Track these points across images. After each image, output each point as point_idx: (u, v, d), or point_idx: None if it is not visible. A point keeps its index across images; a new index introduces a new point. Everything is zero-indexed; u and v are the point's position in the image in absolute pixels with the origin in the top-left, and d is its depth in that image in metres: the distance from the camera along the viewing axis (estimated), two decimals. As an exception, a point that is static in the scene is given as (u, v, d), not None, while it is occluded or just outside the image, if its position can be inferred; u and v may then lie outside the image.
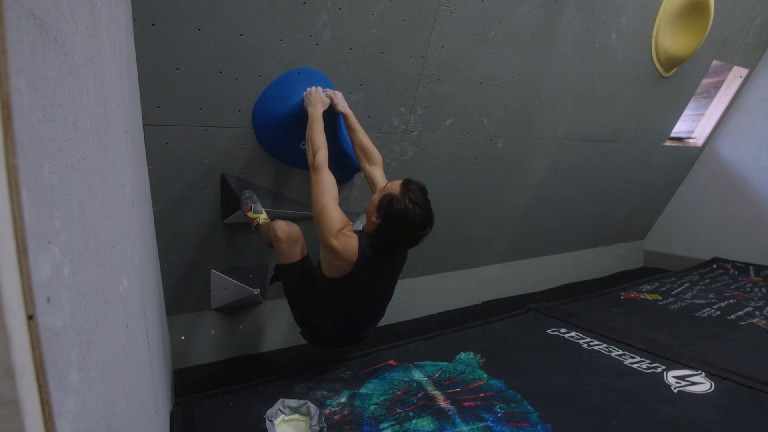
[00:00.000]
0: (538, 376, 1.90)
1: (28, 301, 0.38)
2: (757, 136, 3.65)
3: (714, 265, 3.77)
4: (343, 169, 2.07)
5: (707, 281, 3.40)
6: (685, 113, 3.66)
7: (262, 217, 1.90)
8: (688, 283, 3.35)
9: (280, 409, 1.52)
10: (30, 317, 0.38)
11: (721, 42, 3.10)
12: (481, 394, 1.73)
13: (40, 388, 0.40)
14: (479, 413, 1.59)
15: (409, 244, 1.67)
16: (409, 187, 1.59)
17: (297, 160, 1.97)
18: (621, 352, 2.11)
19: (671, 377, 1.87)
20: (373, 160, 1.87)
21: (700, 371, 1.90)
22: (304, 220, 2.16)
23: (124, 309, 0.78)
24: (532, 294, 3.39)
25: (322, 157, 1.65)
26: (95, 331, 0.56)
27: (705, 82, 3.72)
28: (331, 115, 1.84)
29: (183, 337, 2.15)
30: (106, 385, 0.60)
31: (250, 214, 1.88)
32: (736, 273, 3.58)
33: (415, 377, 1.86)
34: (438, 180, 2.53)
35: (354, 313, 1.76)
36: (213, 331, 2.23)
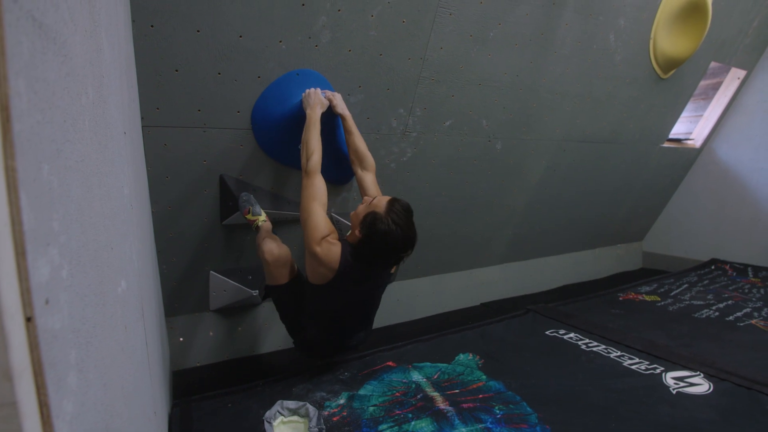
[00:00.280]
0: (537, 377, 1.90)
1: (27, 303, 0.38)
2: (755, 138, 3.66)
3: (712, 267, 3.78)
4: (341, 171, 2.07)
5: (706, 282, 3.41)
6: (684, 115, 3.67)
7: (261, 218, 1.90)
8: (686, 285, 3.35)
9: (278, 411, 1.52)
10: (28, 319, 0.38)
11: (719, 44, 3.11)
12: (480, 396, 1.73)
13: (39, 390, 0.40)
14: (478, 414, 1.59)
15: (389, 264, 1.68)
16: (394, 207, 1.58)
17: (296, 162, 1.97)
18: (620, 353, 2.11)
19: (670, 378, 1.87)
20: (366, 165, 1.87)
21: (698, 372, 1.90)
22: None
23: (123, 310, 0.78)
24: (531, 295, 3.39)
25: (315, 161, 1.66)
26: (94, 332, 0.56)
27: (703, 83, 3.73)
28: (330, 116, 1.84)
29: (182, 339, 2.15)
30: (104, 387, 0.60)
31: (249, 216, 1.89)
32: (735, 274, 3.59)
33: (414, 378, 1.86)
34: (437, 181, 2.53)
35: (338, 321, 1.76)
36: (212, 333, 2.22)
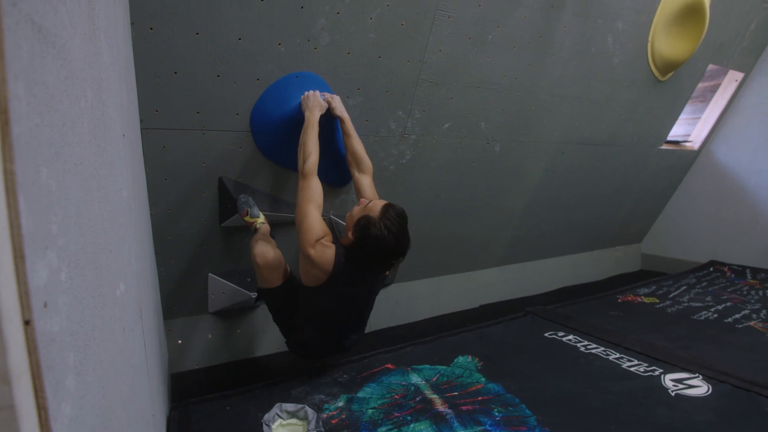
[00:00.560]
0: (536, 379, 1.90)
1: (25, 306, 0.38)
2: (753, 140, 3.67)
3: (711, 268, 3.78)
4: (340, 173, 2.07)
5: (704, 284, 3.41)
6: (682, 117, 3.68)
7: (260, 220, 1.90)
8: (685, 286, 3.36)
9: (277, 414, 1.51)
10: (27, 322, 0.38)
11: (716, 46, 3.12)
12: (479, 398, 1.73)
13: (37, 394, 0.40)
14: (477, 417, 1.59)
15: (380, 269, 1.67)
16: (388, 213, 1.57)
17: (294, 164, 1.96)
18: (618, 356, 2.11)
19: (668, 380, 1.87)
20: (363, 168, 1.87)
21: (697, 374, 1.91)
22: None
23: (121, 313, 0.78)
24: (530, 297, 3.39)
25: (312, 163, 1.66)
26: (92, 335, 0.56)
27: (701, 86, 3.74)
28: (329, 118, 1.85)
29: (180, 341, 2.14)
30: (102, 390, 0.60)
31: (248, 218, 1.88)
32: (733, 276, 3.59)
33: (412, 381, 1.86)
34: (435, 183, 2.54)
35: (332, 323, 1.76)
36: (210, 335, 2.22)
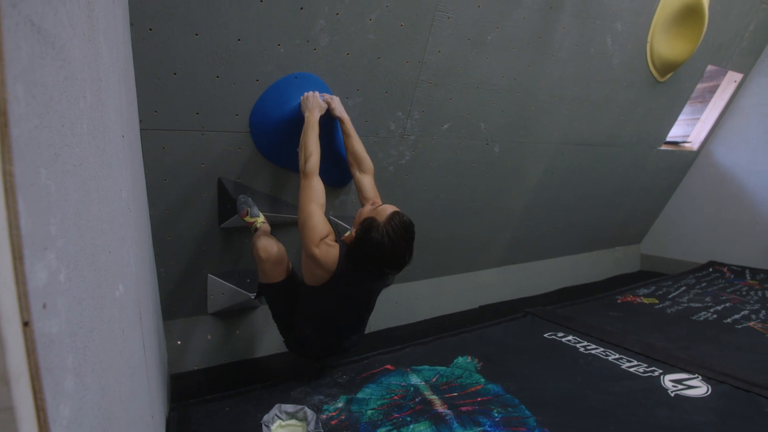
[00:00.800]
0: (536, 380, 1.90)
1: (24, 307, 0.38)
2: (752, 140, 3.68)
3: (710, 269, 3.79)
4: (340, 174, 2.07)
5: (704, 285, 3.42)
6: (681, 118, 3.68)
7: (260, 220, 1.90)
8: (684, 287, 3.36)
9: (276, 415, 1.51)
10: (26, 324, 0.38)
11: (715, 47, 3.13)
12: (479, 399, 1.73)
13: (36, 395, 0.39)
14: (477, 418, 1.59)
15: (375, 274, 1.66)
16: (393, 220, 1.55)
17: (294, 165, 1.97)
18: (618, 356, 2.11)
19: (668, 381, 1.87)
20: (364, 168, 1.87)
21: (696, 375, 1.91)
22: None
23: (120, 314, 0.78)
24: (530, 298, 3.39)
25: (314, 163, 1.66)
26: (91, 336, 0.56)
27: (700, 86, 3.74)
28: (329, 119, 1.85)
29: (179, 342, 2.14)
30: (101, 391, 0.60)
31: (247, 218, 1.88)
32: (733, 276, 3.60)
33: (412, 382, 1.86)
34: (435, 184, 2.54)
35: (332, 323, 1.75)
36: (209, 336, 2.22)
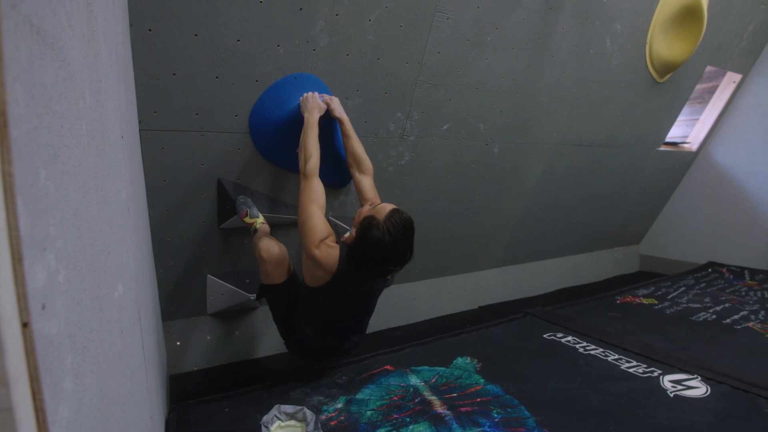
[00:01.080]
0: (535, 380, 1.90)
1: (23, 308, 0.38)
2: (751, 141, 3.69)
3: (709, 269, 3.79)
4: (339, 175, 2.07)
5: (703, 285, 3.42)
6: (680, 118, 3.69)
7: (259, 221, 1.90)
8: (683, 288, 3.36)
9: (276, 415, 1.51)
10: (25, 325, 0.38)
11: (714, 48, 3.13)
12: (478, 399, 1.73)
13: (35, 396, 0.39)
14: (476, 418, 1.59)
15: (376, 273, 1.64)
16: (393, 218, 1.54)
17: (293, 165, 1.97)
18: (617, 357, 2.11)
19: (667, 381, 1.87)
20: (363, 169, 1.87)
21: (696, 375, 1.91)
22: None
23: (120, 315, 0.78)
24: (529, 298, 3.39)
25: (314, 164, 1.66)
26: (90, 337, 0.56)
27: (699, 87, 3.75)
28: (328, 120, 1.85)
29: (179, 343, 2.14)
30: (100, 392, 0.60)
31: (247, 219, 1.88)
32: (732, 277, 3.60)
33: (411, 382, 1.85)
34: (434, 185, 2.54)
35: (333, 324, 1.75)
36: (209, 337, 2.22)
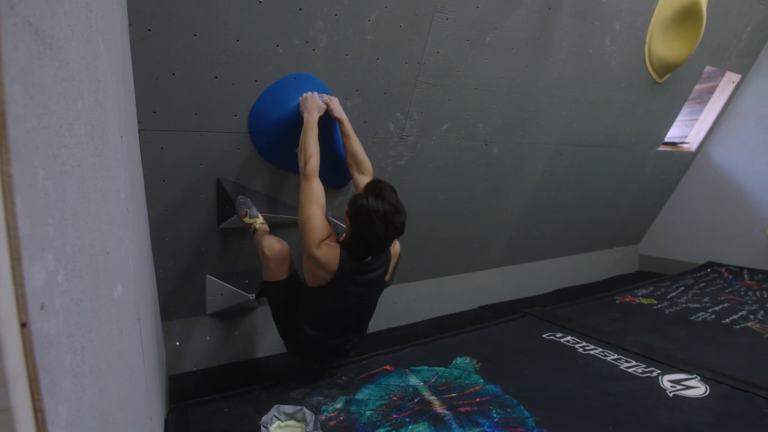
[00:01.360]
0: (534, 380, 1.90)
1: (22, 308, 0.38)
2: (750, 141, 3.69)
3: (708, 269, 3.79)
4: (339, 175, 2.07)
5: (702, 285, 3.42)
6: (679, 118, 3.69)
7: (258, 221, 1.90)
8: (682, 287, 3.36)
9: (275, 416, 1.51)
10: (23, 325, 0.38)
11: (713, 48, 3.14)
12: (478, 399, 1.73)
13: (33, 396, 0.39)
14: (475, 418, 1.59)
15: (383, 236, 1.58)
16: (370, 185, 1.62)
17: (293, 165, 1.97)
18: (616, 357, 2.11)
19: (666, 381, 1.87)
20: (363, 169, 1.87)
21: (695, 375, 1.91)
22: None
23: (119, 315, 0.78)
24: (528, 298, 3.39)
25: (314, 164, 1.66)
26: (89, 337, 0.56)
27: (698, 87, 3.75)
28: (327, 120, 1.85)
29: (178, 343, 2.14)
30: (100, 392, 0.59)
31: (246, 219, 1.88)
32: (731, 277, 3.60)
33: (411, 382, 1.85)
34: (434, 185, 2.54)
35: (334, 324, 1.75)
36: (208, 337, 2.22)
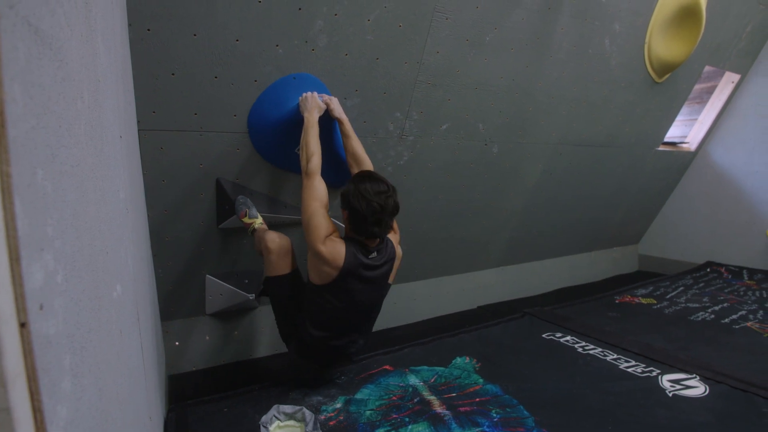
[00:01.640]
0: (534, 380, 1.90)
1: (21, 308, 0.38)
2: (749, 141, 3.69)
3: (708, 269, 3.80)
4: (338, 175, 2.07)
5: (701, 285, 3.42)
6: (678, 118, 3.69)
7: (258, 221, 1.89)
8: (682, 287, 3.36)
9: (275, 415, 1.51)
10: (22, 325, 0.38)
11: (713, 48, 3.14)
12: (477, 399, 1.73)
13: (32, 396, 0.39)
14: (475, 418, 1.59)
15: (380, 210, 1.59)
16: (355, 176, 1.71)
17: (292, 165, 1.98)
18: (616, 356, 2.11)
19: (666, 381, 1.88)
20: (364, 168, 1.87)
21: (694, 375, 1.91)
22: (299, 225, 2.16)
23: (118, 315, 0.78)
24: (528, 298, 3.39)
25: (315, 163, 1.66)
26: (88, 337, 0.56)
27: (698, 87, 3.75)
28: (327, 120, 1.85)
29: (177, 343, 2.14)
30: (99, 392, 0.59)
31: (246, 219, 1.88)
32: (730, 277, 3.60)
33: (410, 382, 1.86)
34: (433, 185, 2.54)
35: (340, 324, 1.73)
36: (208, 337, 2.22)
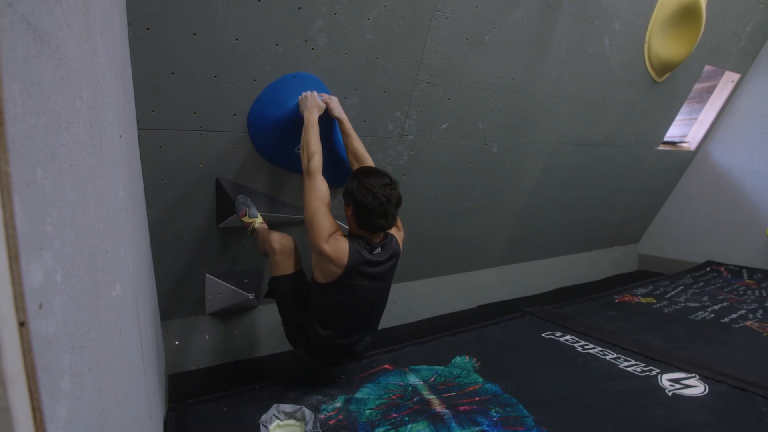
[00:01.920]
0: (534, 379, 1.90)
1: (20, 307, 0.38)
2: (749, 140, 3.69)
3: (707, 269, 3.80)
4: (339, 174, 2.07)
5: (701, 284, 3.42)
6: (678, 117, 3.69)
7: (258, 221, 1.89)
8: (681, 287, 3.37)
9: (274, 415, 1.51)
10: (22, 324, 0.38)
11: (713, 47, 3.14)
12: (477, 398, 1.73)
13: (32, 396, 0.39)
14: (475, 417, 1.59)
15: (385, 202, 1.60)
16: (353, 172, 1.72)
17: (292, 164, 1.98)
18: (615, 356, 2.11)
19: (666, 380, 1.88)
20: None
21: (694, 374, 1.91)
22: (299, 224, 2.16)
23: (118, 314, 0.78)
24: (528, 297, 3.40)
25: (317, 162, 1.66)
26: (88, 337, 0.56)
27: (697, 86, 3.75)
28: (327, 120, 1.85)
29: (177, 342, 2.14)
30: (98, 392, 0.59)
31: (246, 218, 1.88)
32: (730, 276, 3.61)
33: (410, 381, 1.86)
34: (433, 184, 2.54)
35: (346, 321, 1.73)
36: (207, 336, 2.22)
